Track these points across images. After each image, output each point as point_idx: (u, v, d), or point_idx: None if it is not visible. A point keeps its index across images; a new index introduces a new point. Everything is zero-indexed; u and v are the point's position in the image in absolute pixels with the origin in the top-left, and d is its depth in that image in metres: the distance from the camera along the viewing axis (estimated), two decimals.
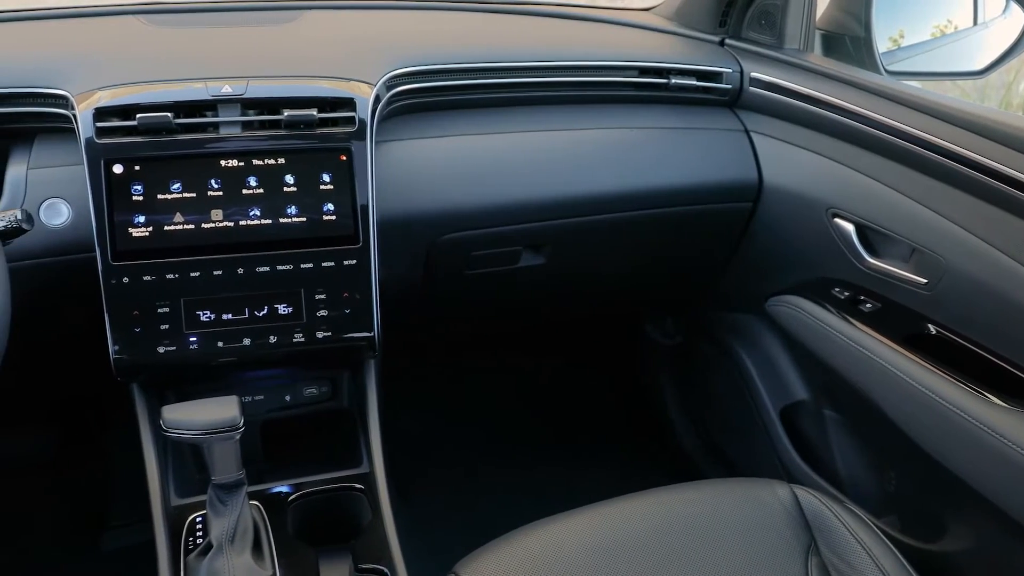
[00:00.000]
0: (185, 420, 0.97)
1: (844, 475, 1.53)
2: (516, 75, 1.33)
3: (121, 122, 1.08)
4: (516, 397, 2.17)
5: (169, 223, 1.09)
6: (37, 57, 1.18)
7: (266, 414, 1.28)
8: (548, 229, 1.36)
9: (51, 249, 1.11)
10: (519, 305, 1.65)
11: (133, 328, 1.10)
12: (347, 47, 1.28)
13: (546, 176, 1.33)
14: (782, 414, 1.64)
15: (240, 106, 1.12)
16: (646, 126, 1.41)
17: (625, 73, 1.41)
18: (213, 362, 1.14)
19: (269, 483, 1.21)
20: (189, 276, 1.10)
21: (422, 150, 1.27)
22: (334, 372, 1.32)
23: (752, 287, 1.58)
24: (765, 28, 1.49)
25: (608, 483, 1.60)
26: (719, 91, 1.45)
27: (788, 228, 1.43)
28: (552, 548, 1.03)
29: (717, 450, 1.91)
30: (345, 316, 1.16)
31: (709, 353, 1.84)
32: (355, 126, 1.14)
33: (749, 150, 1.44)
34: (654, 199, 1.40)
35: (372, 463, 1.23)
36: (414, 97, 1.26)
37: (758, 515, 1.09)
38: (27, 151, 1.13)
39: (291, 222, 1.13)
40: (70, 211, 1.11)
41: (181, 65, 1.18)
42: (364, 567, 1.11)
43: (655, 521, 1.07)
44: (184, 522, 1.12)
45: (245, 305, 1.13)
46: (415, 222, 1.26)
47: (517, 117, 1.35)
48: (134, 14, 1.34)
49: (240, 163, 1.11)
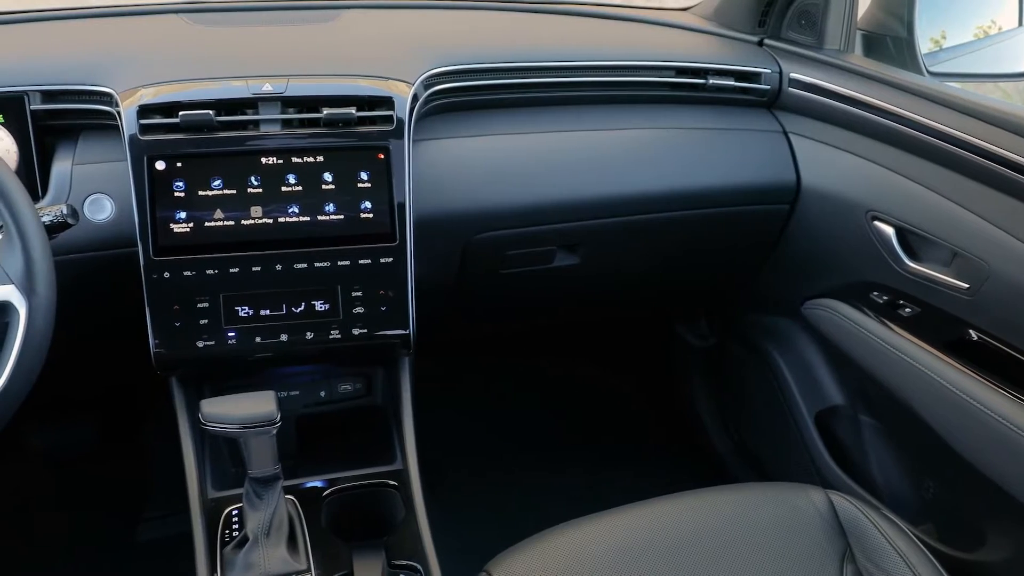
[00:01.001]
0: (223, 414, 0.99)
1: (880, 481, 1.51)
2: (553, 75, 1.33)
3: (164, 119, 1.10)
4: (546, 397, 2.17)
5: (209, 219, 1.11)
6: (83, 55, 1.21)
7: (301, 409, 1.30)
8: (583, 229, 1.36)
9: (94, 244, 1.13)
10: (552, 305, 1.65)
11: (173, 323, 1.11)
12: (385, 46, 1.29)
13: (582, 176, 1.33)
14: (817, 418, 1.63)
15: (280, 104, 1.13)
16: (683, 126, 1.40)
17: (662, 73, 1.40)
18: (250, 357, 1.15)
19: (303, 478, 1.22)
20: (228, 272, 1.12)
21: (459, 149, 1.28)
22: (368, 369, 1.33)
23: (788, 290, 1.56)
24: (805, 28, 1.47)
25: (638, 485, 1.60)
26: (757, 92, 1.44)
27: (826, 231, 1.41)
28: (583, 549, 1.03)
29: (749, 454, 1.89)
30: (381, 313, 1.17)
31: (742, 356, 1.83)
32: (393, 125, 1.15)
33: (787, 152, 1.43)
34: (690, 200, 1.39)
35: (406, 460, 1.23)
36: (451, 96, 1.27)
37: (793, 520, 1.08)
38: (72, 147, 1.15)
39: (329, 220, 1.14)
40: (113, 207, 1.13)
41: (223, 63, 1.19)
42: (397, 563, 1.12)
43: (688, 524, 1.07)
44: (220, 514, 1.14)
45: (283, 301, 1.14)
46: (451, 221, 1.26)
47: (554, 117, 1.35)
48: (177, 13, 1.36)
49: (280, 161, 1.12)
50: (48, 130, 1.15)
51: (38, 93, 1.13)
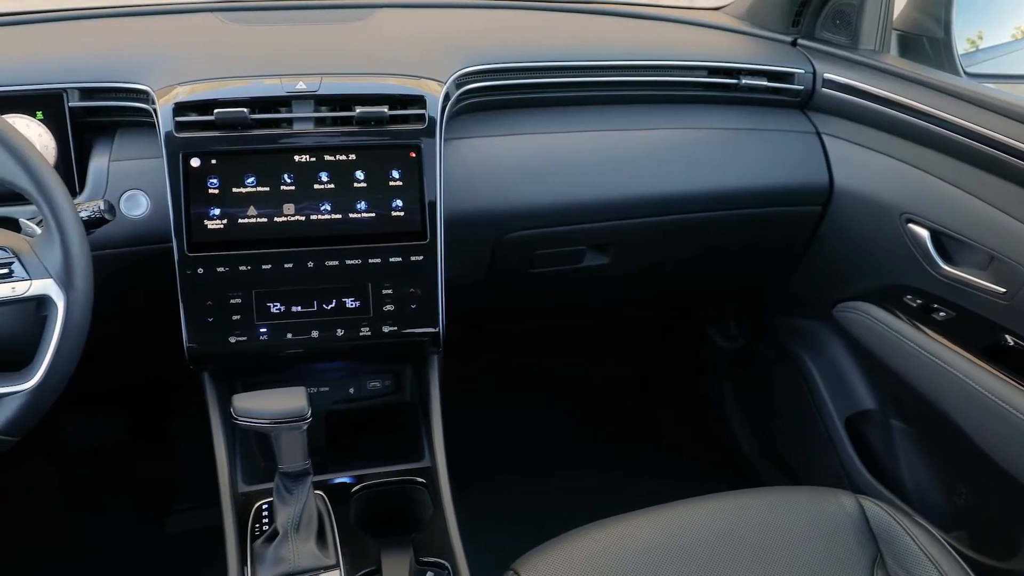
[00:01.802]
0: (255, 409, 0.99)
1: (910, 487, 1.49)
2: (585, 74, 1.33)
3: (199, 117, 1.11)
4: (572, 397, 2.16)
5: (243, 216, 1.12)
6: (120, 53, 1.22)
7: (330, 406, 1.30)
8: (613, 229, 1.36)
9: (130, 239, 1.14)
10: (581, 304, 1.65)
11: (206, 318, 1.12)
12: (418, 45, 1.29)
13: (613, 176, 1.32)
14: (847, 423, 1.61)
15: (314, 102, 1.14)
16: (715, 127, 1.40)
17: (694, 73, 1.39)
18: (281, 353, 1.16)
19: (331, 473, 1.23)
20: (261, 268, 1.13)
21: (490, 148, 1.28)
22: (397, 366, 1.34)
23: (819, 292, 1.55)
24: (840, 28, 1.46)
25: (664, 486, 1.59)
26: (790, 92, 1.43)
27: (859, 233, 1.40)
28: (611, 549, 1.02)
29: (777, 457, 1.88)
30: (411, 311, 1.17)
31: (772, 358, 1.81)
32: (425, 123, 1.15)
33: (820, 152, 1.42)
34: (721, 201, 1.39)
35: (434, 457, 1.24)
36: (483, 95, 1.27)
37: (823, 524, 1.07)
38: (109, 144, 1.17)
39: (360, 217, 1.14)
40: (149, 203, 1.15)
41: (257, 62, 1.20)
42: (425, 560, 1.12)
43: (717, 526, 1.06)
44: (251, 508, 1.15)
45: (314, 298, 1.15)
46: (481, 220, 1.27)
47: (585, 116, 1.35)
48: (212, 11, 1.38)
49: (312, 158, 1.13)
50: (86, 127, 1.17)
51: (76, 90, 1.14)
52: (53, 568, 1.69)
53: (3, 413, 0.88)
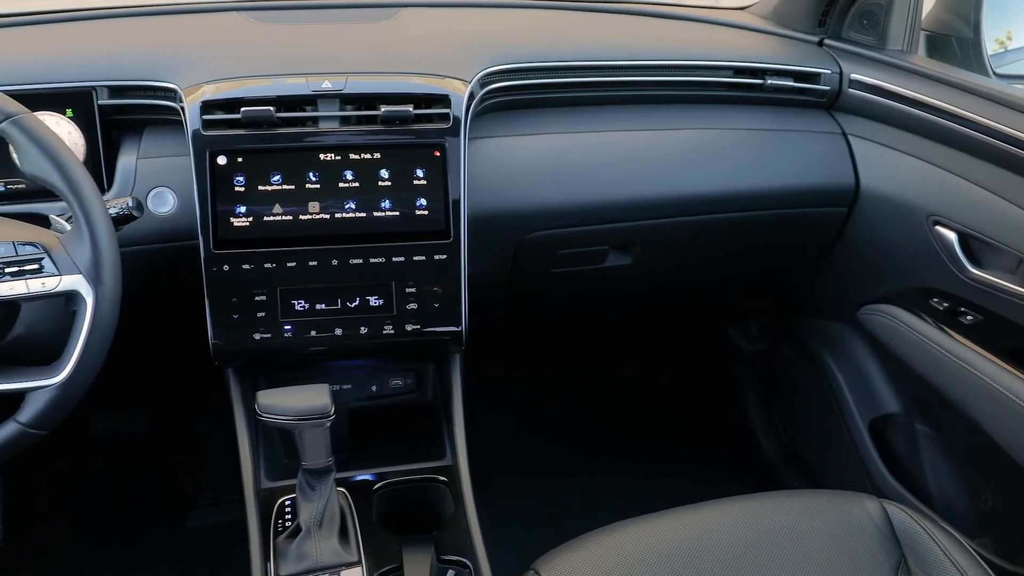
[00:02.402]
0: (279, 405, 1.00)
1: (935, 492, 1.48)
2: (609, 74, 1.32)
3: (226, 115, 1.12)
4: (593, 398, 2.16)
5: (268, 214, 1.13)
6: (148, 52, 1.24)
7: (353, 403, 1.31)
8: (636, 229, 1.36)
9: (157, 236, 1.15)
10: (603, 305, 1.64)
11: (231, 315, 1.13)
12: (443, 44, 1.30)
13: (637, 176, 1.32)
14: (871, 426, 1.60)
15: (339, 101, 1.15)
16: (740, 127, 1.39)
17: (719, 73, 1.39)
18: (305, 350, 1.17)
19: (353, 471, 1.24)
20: (286, 266, 1.13)
21: (513, 148, 1.28)
22: (420, 365, 1.34)
23: (844, 294, 1.54)
24: (867, 28, 1.45)
25: (685, 488, 1.58)
26: (816, 92, 1.42)
27: (885, 235, 1.39)
28: (632, 550, 1.02)
29: (799, 460, 1.86)
30: (434, 310, 1.17)
31: (795, 360, 1.80)
32: (449, 122, 1.15)
33: (846, 153, 1.41)
34: (746, 201, 1.38)
35: (455, 456, 1.24)
36: (507, 95, 1.27)
37: (846, 529, 1.06)
38: (137, 141, 1.18)
39: (385, 216, 1.15)
40: (175, 200, 1.16)
41: (283, 61, 1.21)
42: (446, 558, 1.12)
43: (739, 529, 1.05)
44: (274, 504, 1.15)
45: (338, 296, 1.15)
46: (505, 219, 1.27)
47: (609, 116, 1.35)
48: (238, 11, 1.39)
49: (337, 157, 1.14)
50: (114, 124, 1.18)
51: (105, 88, 1.16)
52: (76, 562, 1.71)
53: (31, 407, 0.89)
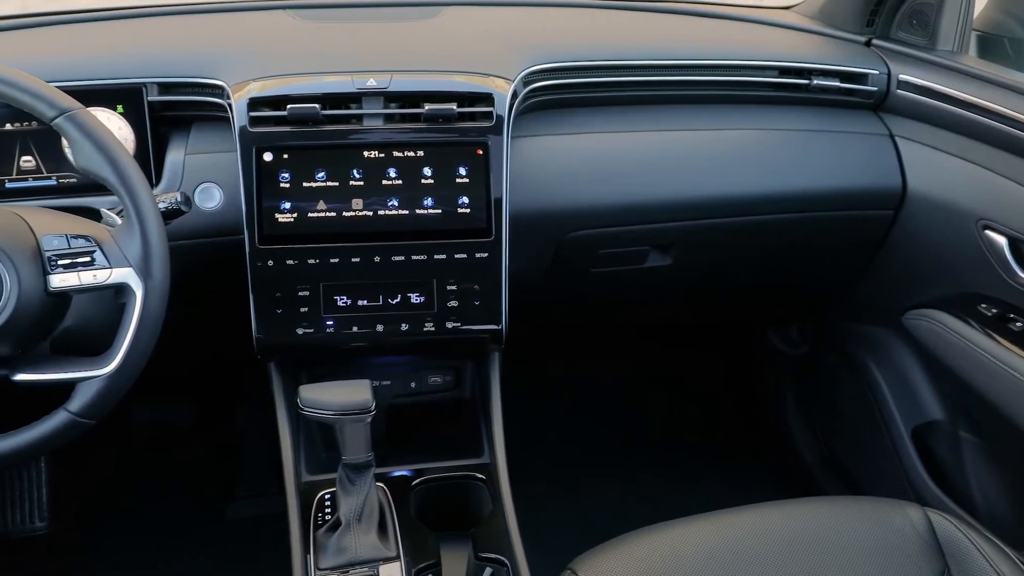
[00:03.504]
0: (321, 400, 1.01)
1: (979, 501, 1.45)
2: (652, 73, 1.32)
3: (272, 112, 1.13)
4: (628, 399, 2.15)
5: (313, 210, 1.14)
6: (197, 49, 1.25)
7: (391, 399, 1.32)
8: (678, 230, 1.35)
9: (203, 230, 1.17)
10: (642, 306, 1.64)
11: (275, 309, 1.15)
12: (486, 43, 1.30)
13: (679, 176, 1.31)
14: (913, 433, 1.57)
15: (383, 99, 1.15)
16: (785, 128, 1.37)
17: (764, 73, 1.37)
18: (347, 346, 1.18)
19: (391, 466, 1.24)
20: (329, 262, 1.14)
21: (555, 146, 1.28)
22: (458, 362, 1.34)
23: (889, 299, 1.52)
24: (917, 28, 1.42)
25: (722, 492, 1.57)
26: (863, 93, 1.40)
27: (932, 239, 1.36)
28: (669, 552, 1.01)
29: (839, 466, 1.84)
30: (474, 308, 1.18)
31: (836, 365, 1.78)
32: (492, 121, 1.16)
33: (893, 155, 1.39)
34: (790, 203, 1.36)
35: (494, 454, 1.24)
36: (550, 93, 1.27)
37: (888, 537, 1.04)
38: (185, 137, 1.20)
39: (427, 213, 1.15)
40: (222, 195, 1.17)
41: (328, 59, 1.22)
42: (484, 555, 1.12)
43: (779, 534, 1.04)
44: (313, 498, 1.17)
45: (380, 292, 1.16)
46: (546, 218, 1.27)
47: (651, 116, 1.34)
48: (284, 9, 1.40)
49: (381, 154, 1.14)
50: (163, 120, 1.20)
51: (155, 85, 1.18)
52: (116, 550, 1.74)
53: (81, 397, 0.91)
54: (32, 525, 1.77)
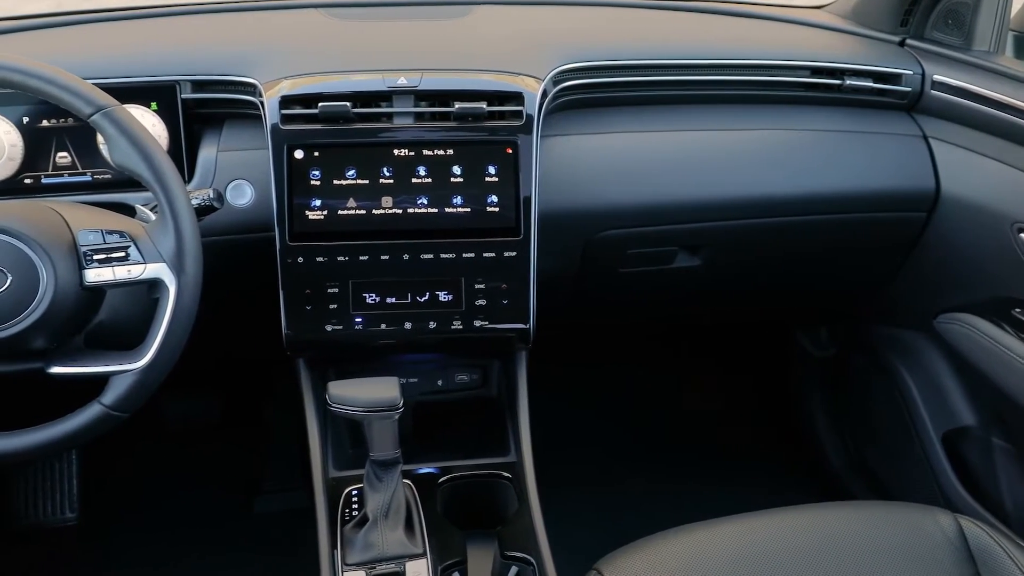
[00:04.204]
0: (350, 396, 1.02)
1: (1011, 508, 1.43)
2: (683, 73, 1.31)
3: (304, 110, 1.14)
4: (654, 399, 2.14)
5: (343, 207, 1.14)
6: (229, 47, 1.27)
7: (418, 396, 1.32)
8: (707, 231, 1.34)
9: (234, 227, 1.18)
10: (670, 306, 1.63)
11: (304, 306, 1.15)
12: (516, 42, 1.30)
13: (708, 176, 1.31)
14: (944, 439, 1.55)
15: (414, 97, 1.16)
16: (816, 128, 1.36)
17: (796, 73, 1.36)
18: (374, 343, 1.19)
19: (417, 463, 1.25)
20: (358, 259, 1.15)
21: (585, 146, 1.28)
22: (485, 361, 1.35)
23: (920, 302, 1.50)
24: (952, 28, 1.40)
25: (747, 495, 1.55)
26: (897, 94, 1.39)
27: (966, 242, 1.35)
28: (695, 554, 1.01)
29: (868, 471, 1.82)
30: (502, 306, 1.18)
31: (865, 368, 1.76)
32: (522, 120, 1.16)
33: (927, 157, 1.37)
34: (821, 204, 1.35)
35: (520, 453, 1.24)
36: (580, 93, 1.26)
37: (918, 543, 1.03)
38: (217, 135, 1.21)
39: (456, 212, 1.16)
40: (253, 192, 1.18)
41: (359, 57, 1.23)
42: (510, 554, 1.13)
43: (806, 537, 1.03)
44: (341, 494, 1.17)
45: (408, 290, 1.17)
46: (574, 217, 1.27)
47: (681, 115, 1.33)
48: (315, 7, 1.41)
49: (411, 153, 1.15)
50: (195, 118, 1.21)
51: (189, 83, 1.19)
52: (145, 542, 1.77)
53: (115, 390, 0.92)
54: (63, 516, 1.80)
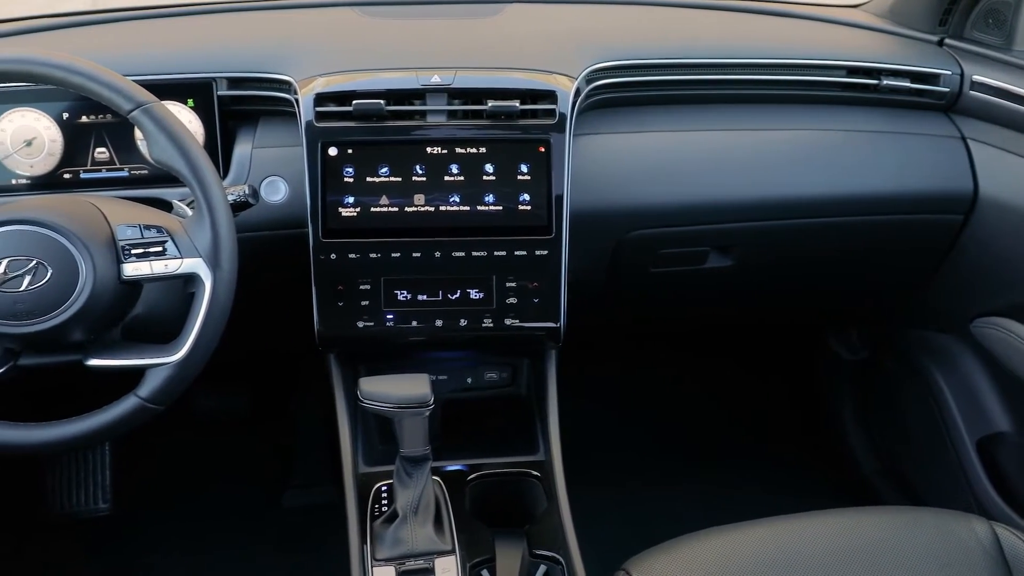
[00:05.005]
0: (381, 393, 1.02)
1: None
2: (717, 72, 1.30)
3: (338, 107, 1.14)
4: (684, 400, 2.13)
5: (375, 205, 1.15)
6: (265, 45, 1.28)
7: (447, 394, 1.33)
8: (739, 231, 1.33)
9: (268, 223, 1.19)
10: (701, 307, 1.62)
11: (336, 302, 1.16)
12: (549, 40, 1.30)
13: (743, 176, 1.30)
14: (979, 444, 1.53)
15: (447, 95, 1.16)
16: (852, 129, 1.35)
17: (832, 72, 1.34)
18: (405, 340, 1.19)
19: (445, 460, 1.25)
20: (390, 256, 1.16)
21: (617, 145, 1.27)
22: (515, 359, 1.35)
23: (956, 305, 1.48)
24: (992, 27, 1.38)
25: (776, 498, 1.54)
26: (935, 94, 1.37)
27: (1004, 245, 1.32)
28: (724, 557, 1.00)
29: (899, 477, 1.80)
30: (533, 305, 1.18)
31: (897, 372, 1.74)
32: (555, 119, 1.15)
33: (965, 158, 1.35)
34: (856, 206, 1.34)
35: (549, 452, 1.24)
36: (613, 91, 1.26)
37: (951, 550, 1.02)
38: (252, 132, 1.22)
39: (488, 210, 1.16)
40: (287, 189, 1.19)
41: (393, 55, 1.23)
42: (539, 553, 1.13)
43: (836, 541, 1.02)
44: (370, 489, 1.18)
45: (439, 288, 1.17)
46: (606, 217, 1.26)
47: (714, 115, 1.32)
48: (349, 5, 1.42)
49: (444, 151, 1.15)
50: (231, 114, 1.22)
51: (225, 80, 1.20)
52: (175, 533, 1.79)
53: (151, 383, 0.93)
54: (96, 506, 1.82)
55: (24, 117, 1.15)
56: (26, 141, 1.15)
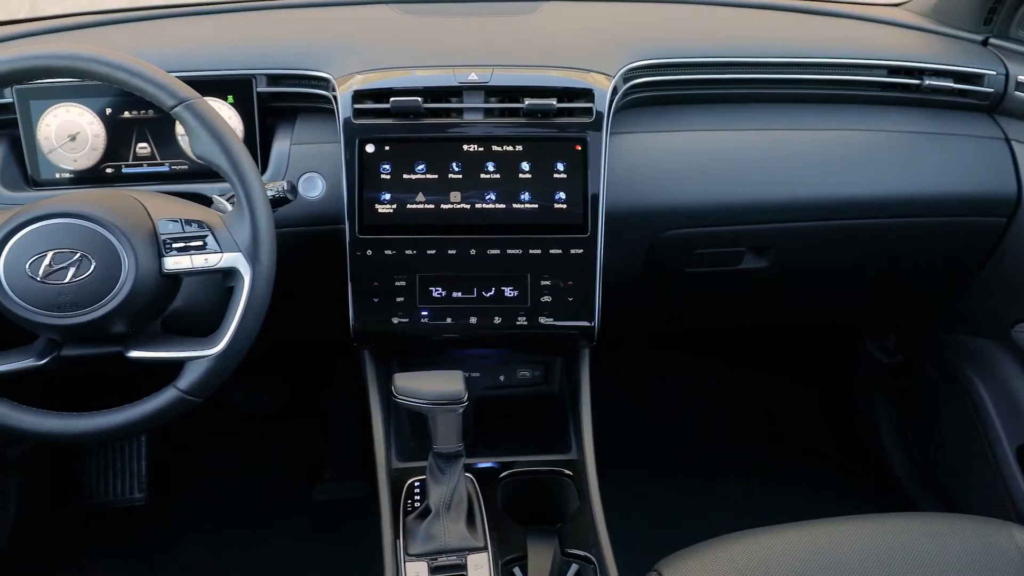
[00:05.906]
0: (415, 389, 1.03)
1: None
2: (756, 71, 1.29)
3: (375, 104, 1.15)
4: (718, 402, 2.11)
5: (412, 202, 1.16)
6: (303, 42, 1.29)
7: (480, 391, 1.33)
8: (775, 232, 1.32)
9: (306, 219, 1.20)
10: (736, 307, 1.61)
11: (372, 298, 1.17)
12: (587, 38, 1.30)
13: (778, 176, 1.28)
14: (1018, 451, 1.50)
15: (484, 93, 1.16)
16: (889, 129, 1.33)
17: (873, 72, 1.33)
18: (439, 336, 1.19)
19: (477, 458, 1.25)
20: (426, 253, 1.16)
21: (654, 144, 1.27)
22: (548, 357, 1.35)
23: (997, 310, 1.45)
24: None
25: (809, 502, 1.53)
26: (978, 95, 1.34)
27: None
28: (758, 559, 1.00)
29: (935, 483, 1.77)
30: (568, 303, 1.18)
31: (935, 377, 1.71)
32: (592, 117, 1.15)
33: (1009, 160, 1.33)
34: (895, 207, 1.32)
35: (582, 451, 1.24)
36: (650, 90, 1.25)
37: (989, 558, 1.00)
38: (290, 128, 1.23)
39: (523, 208, 1.16)
40: (324, 185, 1.20)
41: (430, 52, 1.24)
42: (570, 551, 1.12)
43: (871, 547, 1.01)
44: (403, 485, 1.19)
45: (474, 285, 1.18)
46: (642, 216, 1.26)
47: (752, 114, 1.31)
48: (386, 3, 1.42)
49: (480, 148, 1.15)
50: (270, 111, 1.23)
51: (264, 76, 1.21)
52: (209, 524, 1.81)
53: (190, 376, 0.95)
54: (131, 496, 1.85)
55: (68, 112, 1.17)
56: (70, 136, 1.17)
